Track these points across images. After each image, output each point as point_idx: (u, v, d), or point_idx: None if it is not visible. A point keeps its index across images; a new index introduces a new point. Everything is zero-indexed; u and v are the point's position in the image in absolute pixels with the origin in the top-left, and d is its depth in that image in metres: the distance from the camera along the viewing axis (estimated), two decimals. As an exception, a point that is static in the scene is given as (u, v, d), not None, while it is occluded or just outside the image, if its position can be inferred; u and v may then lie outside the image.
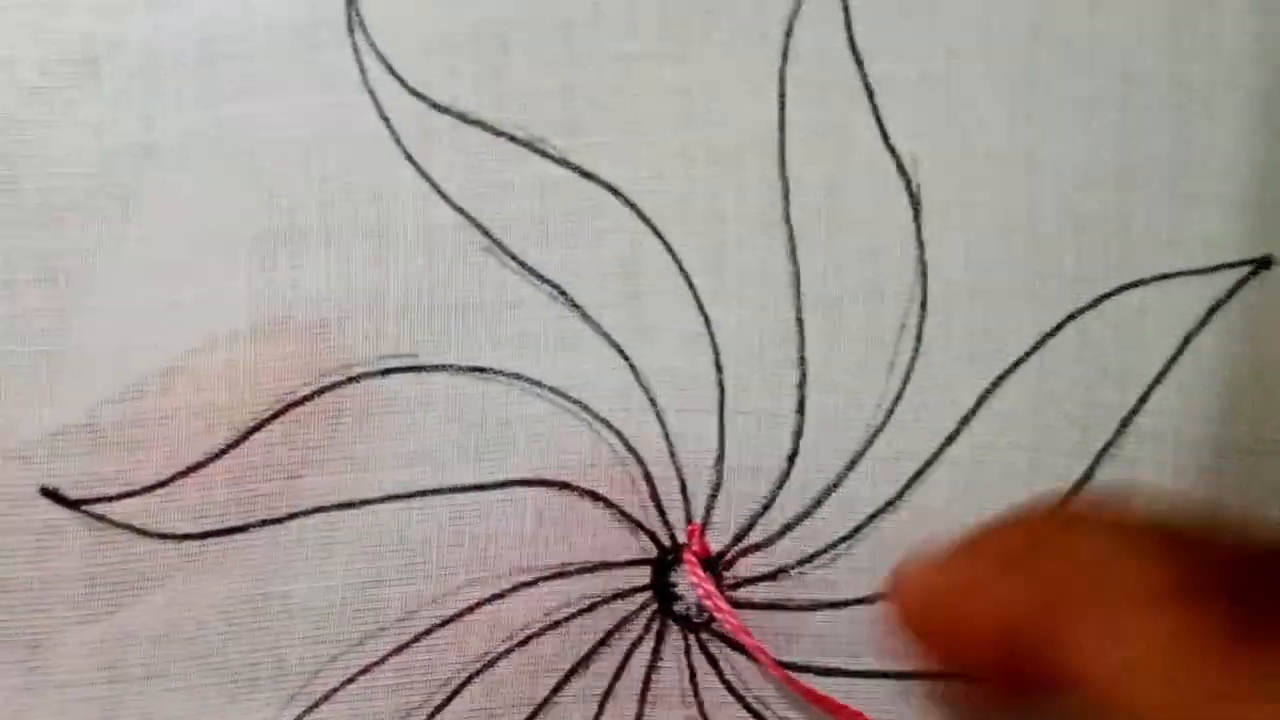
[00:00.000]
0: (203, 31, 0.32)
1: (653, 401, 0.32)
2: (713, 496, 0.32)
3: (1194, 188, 0.32)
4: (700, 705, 0.32)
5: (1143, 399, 0.32)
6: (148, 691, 0.31)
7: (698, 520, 0.32)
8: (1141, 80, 0.32)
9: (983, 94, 0.32)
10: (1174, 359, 0.32)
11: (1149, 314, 0.32)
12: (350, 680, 0.31)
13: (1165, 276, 0.32)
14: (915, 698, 0.32)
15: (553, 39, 0.32)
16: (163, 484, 0.31)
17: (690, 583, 0.32)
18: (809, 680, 0.32)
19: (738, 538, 0.32)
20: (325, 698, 0.31)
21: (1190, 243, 0.32)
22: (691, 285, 0.32)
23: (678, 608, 0.32)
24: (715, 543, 0.32)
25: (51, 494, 0.31)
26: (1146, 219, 0.32)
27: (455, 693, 0.31)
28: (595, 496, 0.32)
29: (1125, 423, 0.32)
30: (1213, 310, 0.32)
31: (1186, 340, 0.32)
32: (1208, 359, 0.32)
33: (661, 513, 0.32)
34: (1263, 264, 0.32)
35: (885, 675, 0.32)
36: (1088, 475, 0.32)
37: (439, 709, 0.31)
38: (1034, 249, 0.32)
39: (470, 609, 0.31)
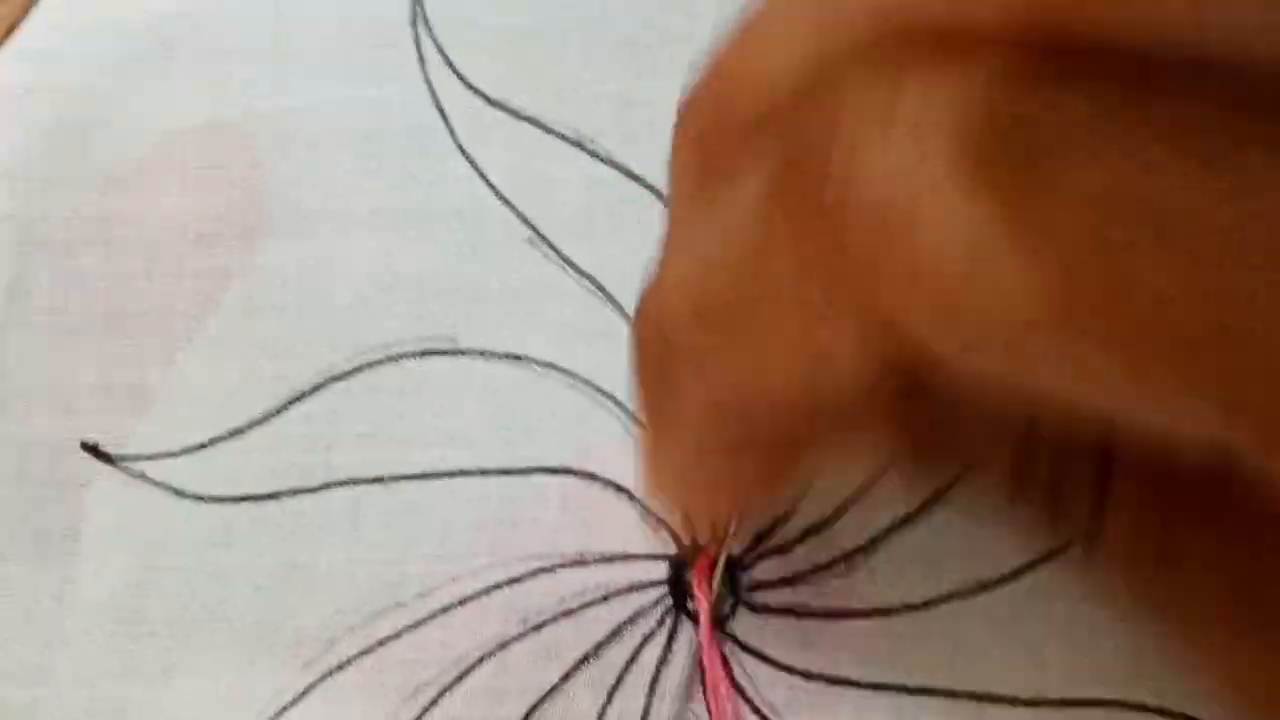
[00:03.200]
0: (275, 20, 0.32)
1: (682, 400, 0.32)
2: None
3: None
4: (708, 704, 0.31)
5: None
6: (169, 648, 0.31)
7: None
8: None
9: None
10: None
11: None
12: (366, 652, 0.31)
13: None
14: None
15: (615, 51, 0.32)
16: (202, 446, 0.31)
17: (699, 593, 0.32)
18: (818, 689, 0.31)
19: (758, 539, 0.32)
20: (340, 667, 0.31)
21: None
22: (727, 289, 0.32)
23: (692, 605, 0.32)
24: (736, 545, 0.32)
25: (91, 448, 0.32)
26: None
27: (467, 671, 0.31)
28: (619, 489, 0.31)
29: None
30: None
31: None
32: None
33: (683, 510, 0.32)
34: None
35: (895, 689, 0.31)
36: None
37: (450, 686, 0.31)
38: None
39: (488, 590, 0.31)
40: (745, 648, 0.31)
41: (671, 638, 0.31)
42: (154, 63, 0.32)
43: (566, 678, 0.31)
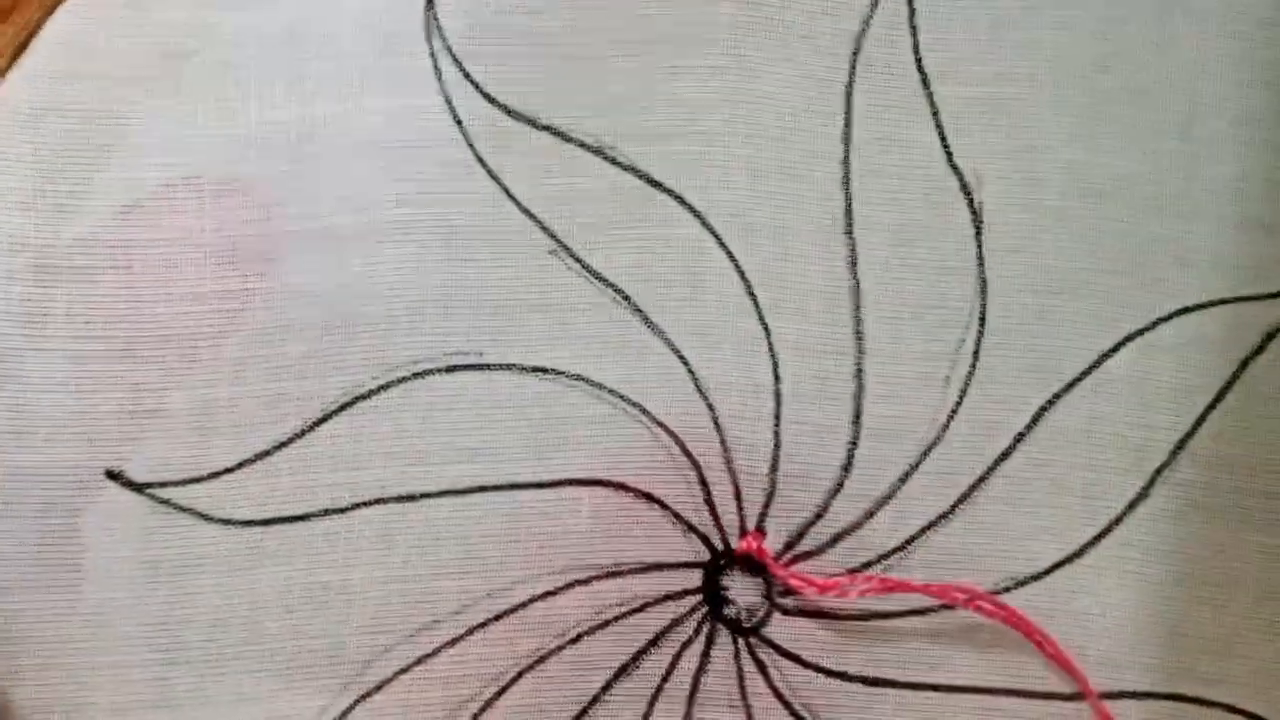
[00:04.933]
0: (290, 32, 0.31)
1: (711, 407, 0.31)
2: (766, 504, 0.32)
3: (1255, 215, 0.32)
4: (748, 710, 0.31)
5: (1198, 422, 0.31)
6: (205, 674, 0.30)
7: (751, 526, 0.32)
8: (1206, 109, 0.32)
9: (1047, 118, 0.32)
10: (1230, 383, 0.31)
11: (1206, 338, 0.31)
12: (404, 670, 0.30)
13: (1224, 301, 0.32)
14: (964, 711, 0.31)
15: (627, 51, 0.32)
16: (229, 470, 0.31)
17: (742, 586, 0.32)
18: (856, 690, 0.31)
19: (789, 545, 0.31)
20: (378, 687, 0.30)
21: (1249, 269, 0.32)
22: (753, 294, 0.31)
23: (728, 612, 0.31)
24: (766, 549, 0.32)
25: (117, 476, 0.31)
26: (1207, 245, 0.32)
27: (506, 687, 0.30)
28: (650, 498, 0.31)
29: (1180, 445, 0.31)
30: (1270, 336, 0.31)
31: (1243, 365, 0.31)
32: (1264, 384, 0.31)
33: (715, 517, 0.31)
34: (1322, 292, 0.32)
35: (934, 688, 0.31)
36: (1142, 495, 0.32)
37: (490, 702, 0.30)
38: (1094, 270, 0.31)
39: (524, 604, 0.31)
40: (781, 651, 0.31)
41: (709, 645, 0.31)
42: (165, 80, 0.31)
43: (607, 689, 0.31)
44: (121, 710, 0.30)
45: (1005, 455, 0.31)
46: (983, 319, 0.31)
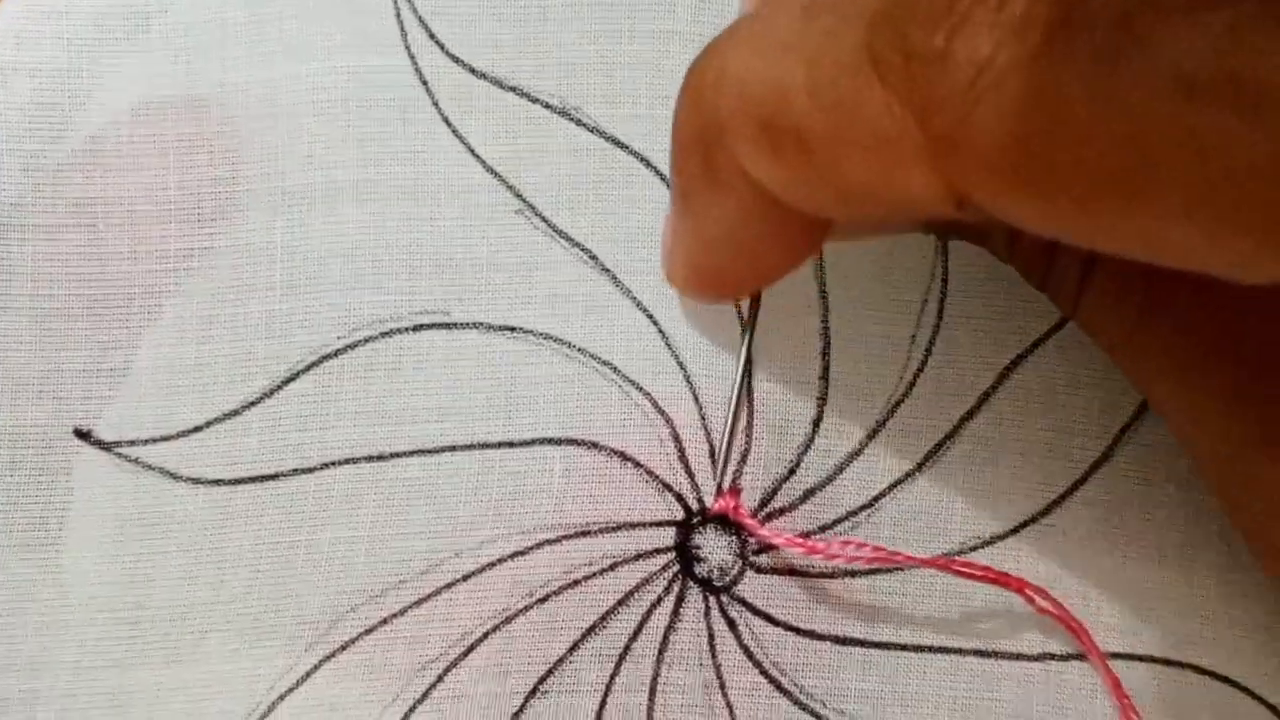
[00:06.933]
0: None
1: (681, 365, 0.31)
2: (740, 462, 0.32)
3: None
4: (717, 668, 0.31)
5: (1163, 381, 0.32)
6: (170, 633, 0.30)
7: (726, 484, 0.32)
8: None
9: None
10: None
11: None
12: (369, 631, 0.30)
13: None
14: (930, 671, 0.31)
15: (593, 13, 0.32)
16: (197, 429, 0.31)
17: (715, 544, 0.32)
18: (826, 648, 0.31)
19: (763, 503, 0.31)
20: (343, 647, 0.30)
21: None
22: (720, 254, 0.32)
23: (699, 570, 0.31)
24: (743, 508, 0.32)
25: (85, 435, 0.31)
26: None
27: (472, 647, 0.30)
28: (623, 457, 0.31)
29: (1144, 405, 0.32)
30: None
31: (1207, 324, 0.32)
32: None
33: (689, 475, 0.31)
34: (1284, 251, 0.32)
35: (901, 648, 0.31)
36: (1106, 456, 0.32)
37: (455, 662, 0.30)
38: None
39: (492, 564, 0.30)
40: (753, 609, 0.31)
41: (679, 604, 0.31)
42: (129, 39, 0.31)
43: (574, 649, 0.31)
44: (86, 669, 0.30)
45: (970, 414, 0.31)
46: (945, 279, 0.31)
